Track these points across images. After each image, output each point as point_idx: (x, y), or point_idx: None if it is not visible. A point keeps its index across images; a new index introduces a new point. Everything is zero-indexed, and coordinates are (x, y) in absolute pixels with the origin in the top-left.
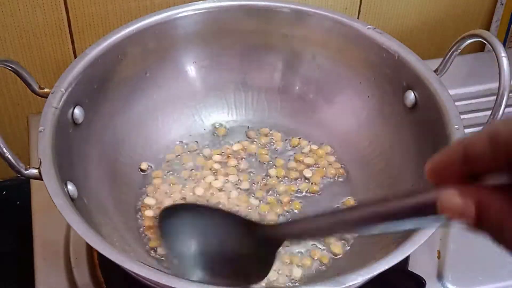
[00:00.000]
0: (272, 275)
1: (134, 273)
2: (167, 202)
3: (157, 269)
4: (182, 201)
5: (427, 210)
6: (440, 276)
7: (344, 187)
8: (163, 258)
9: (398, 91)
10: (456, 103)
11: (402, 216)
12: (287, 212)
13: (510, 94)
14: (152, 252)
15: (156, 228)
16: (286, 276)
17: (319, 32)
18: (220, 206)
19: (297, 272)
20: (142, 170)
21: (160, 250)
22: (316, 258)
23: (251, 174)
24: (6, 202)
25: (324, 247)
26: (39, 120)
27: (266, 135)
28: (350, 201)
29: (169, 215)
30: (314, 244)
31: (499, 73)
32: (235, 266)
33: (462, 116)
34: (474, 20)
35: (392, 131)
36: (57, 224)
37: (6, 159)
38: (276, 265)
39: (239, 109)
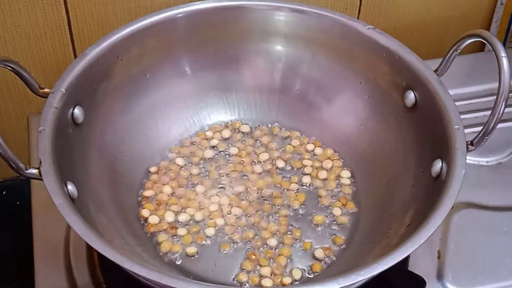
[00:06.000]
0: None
1: (134, 273)
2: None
3: (157, 269)
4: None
5: None
6: (440, 276)
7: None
8: (163, 258)
9: (398, 91)
10: (456, 103)
11: None
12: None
13: (510, 94)
14: (152, 251)
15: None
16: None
17: (319, 32)
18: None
19: (297, 273)
20: (149, 172)
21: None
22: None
23: (250, 173)
24: (6, 202)
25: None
26: (39, 120)
27: (266, 134)
28: (351, 205)
29: None
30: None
31: (499, 73)
32: None
33: (462, 116)
34: (474, 20)
35: (392, 131)
36: (57, 224)
37: (6, 159)
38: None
39: (239, 109)
